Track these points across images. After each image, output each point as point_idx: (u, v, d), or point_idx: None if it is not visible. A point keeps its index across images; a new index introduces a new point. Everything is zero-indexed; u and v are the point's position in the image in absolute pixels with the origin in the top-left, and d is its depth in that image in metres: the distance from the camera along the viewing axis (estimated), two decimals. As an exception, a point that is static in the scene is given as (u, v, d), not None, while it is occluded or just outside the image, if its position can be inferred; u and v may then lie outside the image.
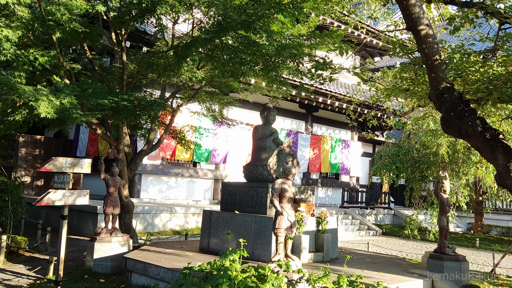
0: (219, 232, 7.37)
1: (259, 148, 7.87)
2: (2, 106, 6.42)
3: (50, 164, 6.25)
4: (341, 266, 6.35)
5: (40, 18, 6.45)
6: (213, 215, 7.60)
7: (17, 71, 6.39)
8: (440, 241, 7.05)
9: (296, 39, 7.32)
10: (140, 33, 10.75)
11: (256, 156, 7.86)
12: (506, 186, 5.16)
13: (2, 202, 8.74)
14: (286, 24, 6.72)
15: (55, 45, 7.07)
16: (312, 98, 15.05)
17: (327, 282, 4.84)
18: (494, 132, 5.33)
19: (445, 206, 7.14)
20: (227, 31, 6.51)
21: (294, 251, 6.42)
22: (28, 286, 6.43)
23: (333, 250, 7.45)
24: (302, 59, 7.42)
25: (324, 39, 7.61)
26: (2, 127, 7.46)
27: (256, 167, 7.59)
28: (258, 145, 7.92)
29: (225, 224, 7.31)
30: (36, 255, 8.55)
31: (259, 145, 7.91)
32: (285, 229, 5.57)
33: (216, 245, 7.38)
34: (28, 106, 6.05)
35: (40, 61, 6.67)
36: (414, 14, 5.85)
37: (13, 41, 6.11)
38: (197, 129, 12.19)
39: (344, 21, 11.56)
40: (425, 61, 6.01)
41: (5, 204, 8.70)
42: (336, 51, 7.75)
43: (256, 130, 8.04)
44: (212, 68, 8.21)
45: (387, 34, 9.24)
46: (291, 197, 5.70)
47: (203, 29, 7.10)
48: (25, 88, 5.83)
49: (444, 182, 7.19)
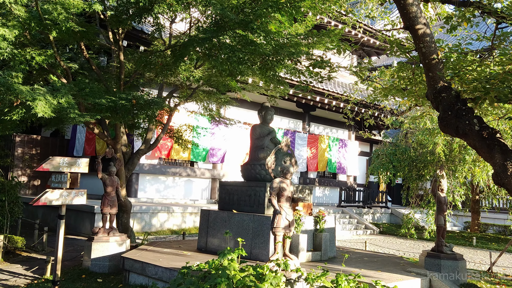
0: (217, 232, 7.36)
1: (257, 147, 7.86)
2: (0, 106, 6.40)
3: (47, 163, 6.23)
4: (339, 265, 6.36)
5: (37, 17, 6.42)
6: (211, 215, 7.59)
7: (14, 70, 6.36)
8: (437, 239, 7.07)
9: (293, 38, 7.32)
10: (137, 32, 10.72)
11: (254, 155, 7.86)
12: (503, 185, 5.18)
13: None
14: (283, 23, 6.72)
15: (52, 44, 7.04)
16: (309, 97, 15.06)
17: (325, 281, 4.84)
18: (491, 131, 5.35)
19: (442, 205, 7.15)
20: (225, 30, 6.51)
21: (292, 250, 6.42)
22: (26, 286, 6.41)
23: (331, 249, 7.46)
24: (299, 57, 7.42)
25: (321, 38, 7.61)
26: (0, 127, 7.43)
27: (254, 166, 7.59)
28: (256, 144, 7.92)
29: (223, 223, 7.31)
30: (33, 255, 8.52)
31: (257, 144, 7.90)
32: (283, 228, 5.57)
33: (214, 245, 7.38)
34: (25, 105, 6.03)
35: (37, 60, 6.65)
36: (411, 13, 5.87)
37: (10, 40, 6.09)
38: (195, 128, 12.18)
39: (342, 21, 11.57)
40: (422, 60, 6.02)
41: (2, 204, 8.66)
42: (334, 50, 7.76)
43: (254, 129, 8.04)
44: (210, 67, 8.20)
45: (385, 34, 9.25)
46: (289, 196, 5.70)
47: (200, 29, 7.08)
48: (22, 88, 5.80)
49: (442, 181, 7.21)
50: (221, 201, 7.93)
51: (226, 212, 7.41)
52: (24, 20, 6.26)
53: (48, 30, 6.61)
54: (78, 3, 6.36)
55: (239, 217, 7.11)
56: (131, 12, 7.11)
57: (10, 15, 6.20)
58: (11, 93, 5.90)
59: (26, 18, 6.24)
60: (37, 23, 6.43)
